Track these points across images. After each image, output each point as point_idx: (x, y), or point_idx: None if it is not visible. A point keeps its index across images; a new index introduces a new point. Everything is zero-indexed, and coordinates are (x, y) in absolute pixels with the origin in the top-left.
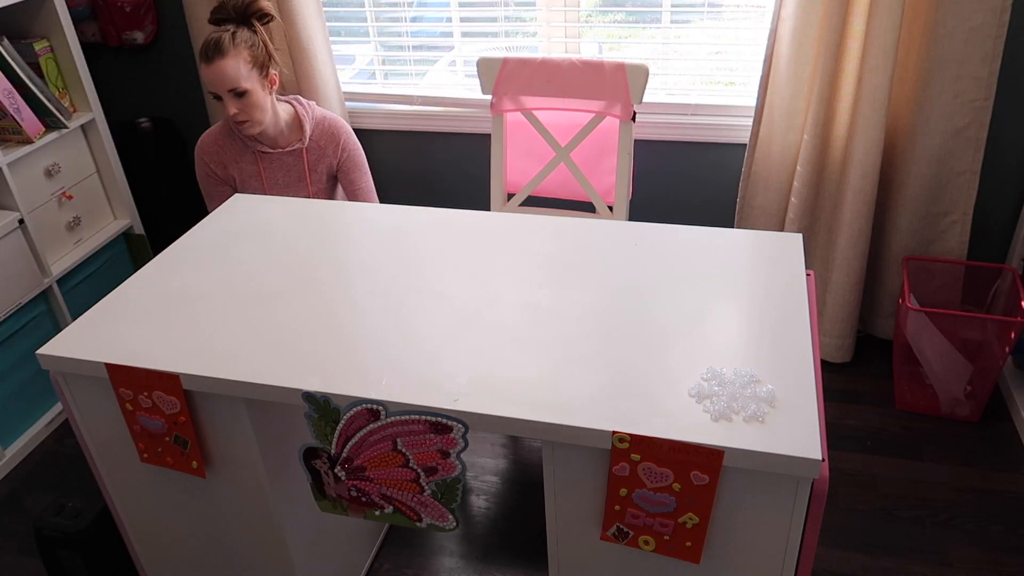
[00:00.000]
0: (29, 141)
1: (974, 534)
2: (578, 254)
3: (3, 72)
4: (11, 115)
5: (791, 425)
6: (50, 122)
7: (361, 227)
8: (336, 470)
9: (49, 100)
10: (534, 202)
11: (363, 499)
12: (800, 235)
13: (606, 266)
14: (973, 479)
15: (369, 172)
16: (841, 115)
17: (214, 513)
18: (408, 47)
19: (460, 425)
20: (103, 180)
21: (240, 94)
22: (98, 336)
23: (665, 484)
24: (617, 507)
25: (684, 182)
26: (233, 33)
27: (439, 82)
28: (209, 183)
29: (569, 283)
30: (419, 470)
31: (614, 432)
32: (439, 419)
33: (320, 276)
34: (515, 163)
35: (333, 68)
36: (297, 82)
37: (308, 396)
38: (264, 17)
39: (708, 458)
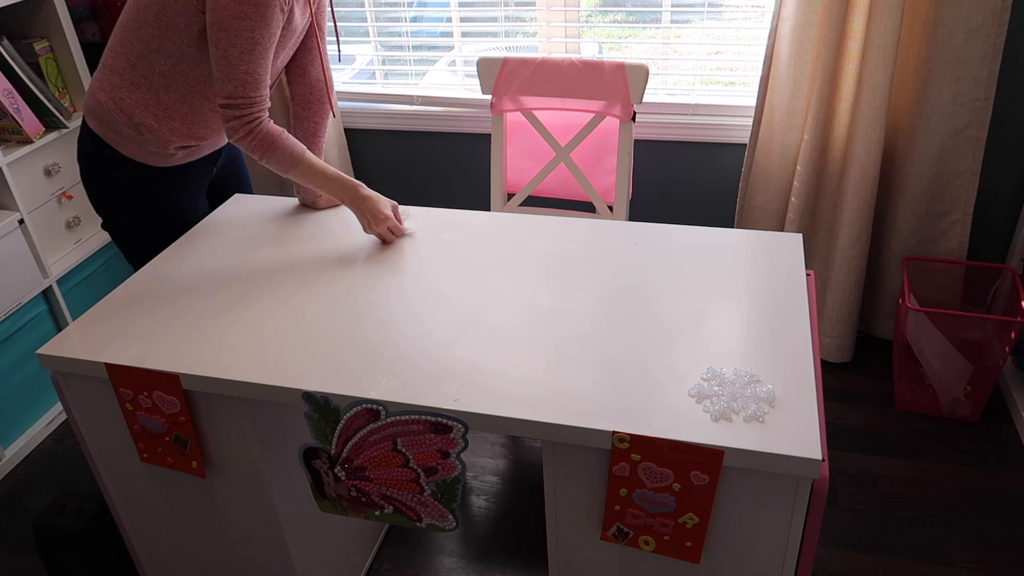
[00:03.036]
0: (29, 141)
1: (974, 534)
2: (578, 254)
3: (3, 72)
4: (11, 115)
5: (791, 425)
6: (50, 122)
7: (361, 227)
8: (336, 470)
9: (49, 100)
10: (534, 202)
11: (363, 499)
12: (800, 235)
13: (606, 266)
14: (973, 479)
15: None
16: (841, 115)
17: (214, 513)
18: (408, 47)
19: (460, 425)
20: None
21: None
22: (98, 336)
23: (665, 484)
24: (617, 507)
25: (684, 182)
26: None
27: (439, 82)
28: (279, 25)
29: (569, 283)
30: (419, 470)
31: (614, 432)
32: (439, 419)
33: (320, 276)
34: (515, 163)
35: None
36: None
37: (308, 396)
38: None
39: (708, 458)
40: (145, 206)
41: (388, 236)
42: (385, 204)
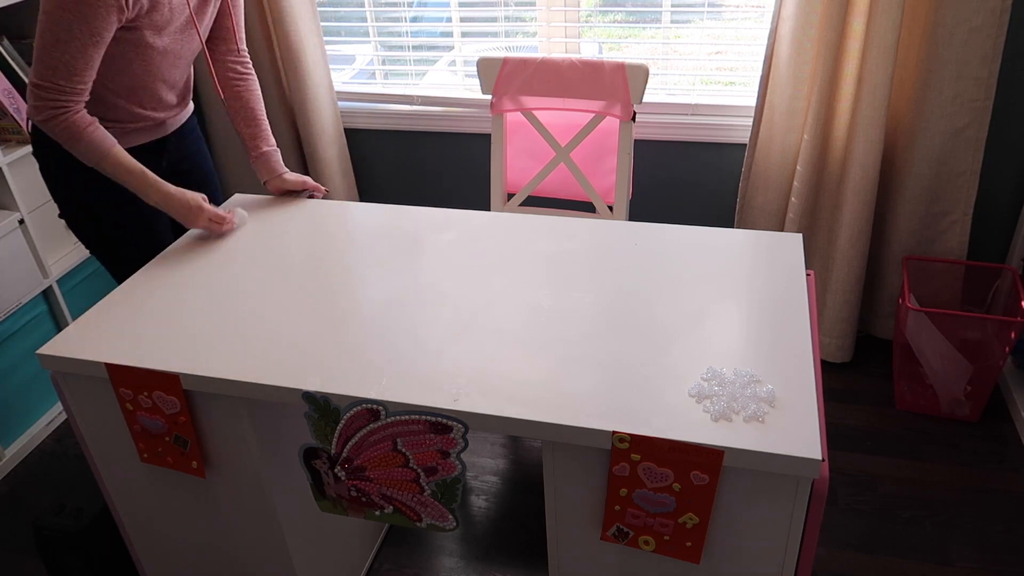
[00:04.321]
0: (29, 141)
1: (974, 534)
2: (578, 254)
3: (3, 72)
4: (11, 115)
5: (791, 425)
6: None
7: (361, 227)
8: (336, 470)
9: None
10: (534, 202)
11: (363, 499)
12: (800, 235)
13: (606, 266)
14: (973, 479)
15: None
16: (841, 115)
17: (214, 513)
18: (408, 47)
19: (460, 425)
20: None
21: None
22: (98, 336)
23: (665, 484)
24: (617, 507)
25: (684, 182)
26: None
27: (439, 82)
28: (107, 24)
29: (569, 283)
30: (419, 470)
31: (614, 432)
32: (439, 419)
33: (320, 276)
34: (515, 163)
35: (326, 69)
36: (287, 82)
37: (308, 396)
38: None
39: (708, 458)
40: (81, 191)
41: (213, 228)
42: (191, 198)
